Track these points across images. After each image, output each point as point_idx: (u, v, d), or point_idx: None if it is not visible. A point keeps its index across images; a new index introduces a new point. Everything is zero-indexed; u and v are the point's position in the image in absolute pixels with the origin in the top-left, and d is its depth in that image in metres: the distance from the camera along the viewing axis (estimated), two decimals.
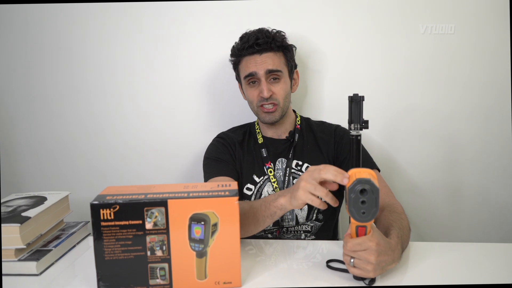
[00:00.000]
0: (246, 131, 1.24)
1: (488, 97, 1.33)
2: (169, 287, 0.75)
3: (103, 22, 1.36)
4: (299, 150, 1.17)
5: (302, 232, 1.14)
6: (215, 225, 0.74)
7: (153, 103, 1.41)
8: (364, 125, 0.82)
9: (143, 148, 1.44)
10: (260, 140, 1.20)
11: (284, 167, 1.15)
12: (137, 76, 1.39)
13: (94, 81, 1.41)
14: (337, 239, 1.24)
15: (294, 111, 1.27)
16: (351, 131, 0.82)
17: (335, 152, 1.15)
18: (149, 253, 0.74)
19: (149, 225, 0.73)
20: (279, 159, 1.17)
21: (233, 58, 1.19)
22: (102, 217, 0.72)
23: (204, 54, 1.36)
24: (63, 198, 1.02)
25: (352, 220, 0.72)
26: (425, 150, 1.38)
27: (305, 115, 1.30)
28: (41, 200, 0.98)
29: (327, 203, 0.78)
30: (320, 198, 0.77)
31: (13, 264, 0.84)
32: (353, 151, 0.82)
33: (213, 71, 1.37)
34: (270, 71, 1.11)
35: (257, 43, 1.10)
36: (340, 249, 0.79)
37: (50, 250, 0.90)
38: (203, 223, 0.73)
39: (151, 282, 0.75)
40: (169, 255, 0.74)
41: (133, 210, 0.73)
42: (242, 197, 1.14)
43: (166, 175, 1.45)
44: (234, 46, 1.17)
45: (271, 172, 1.15)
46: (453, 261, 0.86)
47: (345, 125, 0.91)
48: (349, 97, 0.83)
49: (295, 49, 1.20)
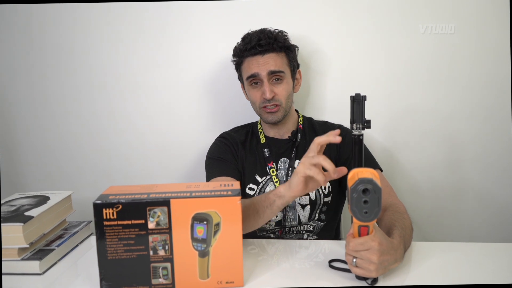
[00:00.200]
0: (248, 131, 1.24)
1: (488, 97, 1.33)
2: (171, 286, 0.75)
3: (105, 22, 1.36)
4: (301, 150, 1.17)
5: (304, 232, 1.14)
6: (218, 224, 0.74)
7: (156, 103, 1.41)
8: (366, 124, 0.82)
9: (145, 148, 1.44)
10: (263, 140, 1.20)
11: (287, 167, 1.15)
12: (140, 76, 1.39)
13: (97, 81, 1.41)
14: (339, 239, 1.24)
15: (296, 111, 1.27)
16: (353, 130, 0.83)
17: (337, 152, 1.15)
18: (151, 252, 0.74)
19: (151, 225, 0.73)
20: (282, 159, 1.17)
21: (235, 59, 1.19)
22: (104, 217, 0.72)
23: (207, 53, 1.36)
24: (66, 198, 1.02)
25: (354, 220, 0.72)
26: (425, 150, 1.38)
27: (307, 115, 1.30)
28: (44, 199, 0.98)
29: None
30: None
31: (16, 263, 0.85)
32: (355, 150, 0.82)
33: (216, 71, 1.37)
34: (272, 72, 1.11)
35: (259, 44, 1.10)
36: (343, 249, 0.79)
37: (53, 250, 0.90)
38: (205, 222, 0.73)
39: (154, 281, 0.75)
40: (171, 254, 0.74)
41: (135, 209, 0.73)
42: (244, 197, 1.14)
43: (169, 175, 1.45)
44: (236, 46, 1.17)
45: (273, 172, 1.15)
46: (455, 261, 0.86)
47: (347, 125, 0.91)
48: (351, 96, 0.83)
49: (297, 49, 1.20)
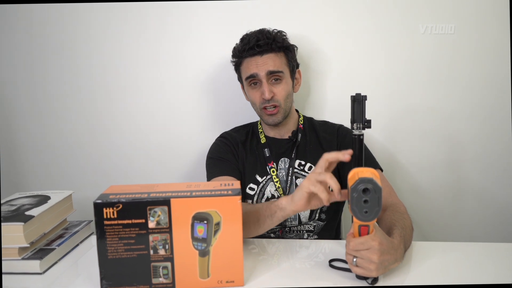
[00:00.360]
0: (249, 131, 1.24)
1: (488, 97, 1.33)
2: (171, 286, 0.75)
3: (107, 21, 1.36)
4: (301, 149, 1.17)
5: (304, 231, 1.14)
6: (218, 224, 0.74)
7: (157, 102, 1.41)
8: (367, 124, 0.82)
9: (146, 147, 1.44)
10: (263, 140, 1.20)
11: (287, 167, 1.16)
12: (141, 76, 1.40)
13: (98, 80, 1.41)
14: (339, 239, 1.24)
15: (297, 110, 1.27)
16: (353, 130, 0.83)
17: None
18: (152, 252, 0.74)
19: (152, 224, 0.73)
20: (282, 159, 1.17)
21: (234, 60, 1.19)
22: (105, 216, 0.72)
23: (207, 53, 1.36)
24: (67, 197, 1.02)
25: (354, 219, 0.72)
26: (425, 150, 1.38)
27: (307, 115, 1.30)
28: (44, 199, 0.98)
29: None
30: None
31: (16, 262, 0.85)
32: (356, 150, 0.82)
33: (216, 71, 1.37)
34: (271, 72, 1.11)
35: (258, 44, 1.10)
36: (343, 248, 0.79)
37: (54, 249, 0.90)
38: (205, 222, 0.74)
39: (154, 280, 0.75)
40: (172, 254, 0.74)
41: (136, 209, 0.73)
42: (244, 197, 1.15)
43: (169, 174, 1.45)
44: (235, 47, 1.17)
45: (273, 172, 1.15)
46: (455, 261, 0.86)
47: (348, 124, 0.91)
48: (351, 96, 0.83)
49: (296, 49, 1.20)
